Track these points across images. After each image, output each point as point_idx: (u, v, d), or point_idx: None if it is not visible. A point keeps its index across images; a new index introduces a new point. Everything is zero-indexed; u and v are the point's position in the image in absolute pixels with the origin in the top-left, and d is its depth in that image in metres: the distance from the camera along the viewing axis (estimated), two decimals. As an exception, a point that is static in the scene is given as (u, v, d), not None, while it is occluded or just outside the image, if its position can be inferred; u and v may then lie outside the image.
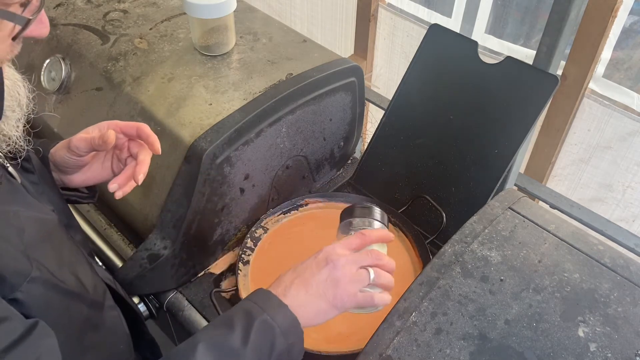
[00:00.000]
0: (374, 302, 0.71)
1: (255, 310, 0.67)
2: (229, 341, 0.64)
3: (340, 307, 0.70)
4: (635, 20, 1.37)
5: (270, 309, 0.67)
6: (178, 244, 0.96)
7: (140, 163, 0.79)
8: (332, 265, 0.70)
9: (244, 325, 0.65)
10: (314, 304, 0.69)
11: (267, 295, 0.69)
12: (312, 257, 0.73)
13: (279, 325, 0.66)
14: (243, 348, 0.64)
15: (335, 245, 0.73)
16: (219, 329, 0.66)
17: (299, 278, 0.70)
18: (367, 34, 1.90)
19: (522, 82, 0.99)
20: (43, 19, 0.63)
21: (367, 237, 0.74)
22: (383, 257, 0.73)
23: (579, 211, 1.15)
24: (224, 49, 1.10)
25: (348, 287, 0.69)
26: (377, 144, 1.18)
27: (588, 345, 0.67)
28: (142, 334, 0.87)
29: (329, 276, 0.69)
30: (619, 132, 1.41)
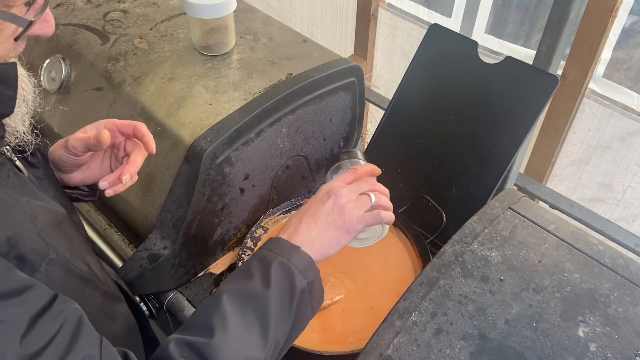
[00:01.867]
0: (381, 218, 0.75)
1: (270, 256, 0.69)
2: (251, 287, 0.67)
3: (352, 230, 0.74)
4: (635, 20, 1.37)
5: (284, 253, 0.70)
6: (178, 244, 0.96)
7: (129, 163, 0.79)
8: (334, 196, 0.74)
9: (262, 271, 0.68)
10: (327, 234, 0.73)
11: (278, 241, 0.72)
12: (313, 196, 0.77)
13: (296, 265, 0.69)
14: (266, 291, 0.66)
15: (331, 182, 0.78)
16: (239, 280, 0.69)
17: (306, 215, 0.74)
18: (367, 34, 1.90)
19: (522, 82, 0.99)
20: (48, 17, 0.63)
21: (358, 171, 0.80)
22: (377, 183, 0.79)
23: (579, 211, 1.15)
24: (224, 49, 1.10)
25: (354, 211, 0.74)
26: (377, 144, 1.18)
27: (588, 345, 0.67)
28: (145, 331, 0.87)
29: (335, 205, 0.74)
30: (619, 132, 1.41)
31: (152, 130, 0.99)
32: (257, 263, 0.69)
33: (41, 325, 0.52)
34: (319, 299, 0.73)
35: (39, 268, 0.59)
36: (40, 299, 0.54)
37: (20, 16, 0.59)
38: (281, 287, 0.67)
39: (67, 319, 0.55)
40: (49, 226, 0.65)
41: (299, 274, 0.68)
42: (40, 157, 0.79)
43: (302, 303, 0.69)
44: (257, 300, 0.66)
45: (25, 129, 0.69)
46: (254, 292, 0.66)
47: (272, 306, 0.66)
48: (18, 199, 0.63)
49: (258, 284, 0.67)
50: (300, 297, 0.69)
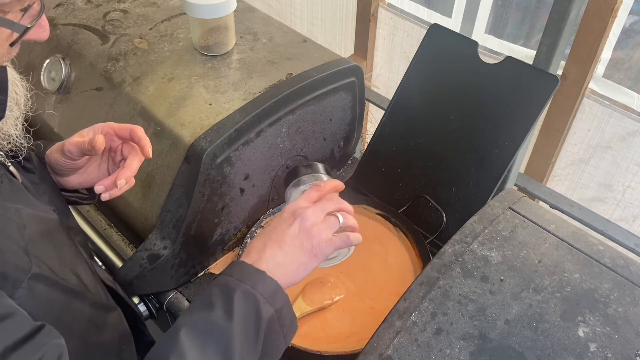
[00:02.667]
0: (350, 241, 0.71)
1: (232, 283, 0.65)
2: (212, 319, 0.62)
3: (320, 255, 0.70)
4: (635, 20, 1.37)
5: (247, 279, 0.65)
6: (178, 244, 0.96)
7: (125, 167, 0.78)
8: (300, 219, 0.70)
9: (224, 300, 0.63)
10: (293, 259, 0.68)
11: (240, 266, 0.67)
12: (277, 216, 0.72)
13: (261, 292, 0.64)
14: (228, 323, 0.62)
15: (296, 202, 0.73)
16: (199, 311, 0.64)
17: (271, 239, 0.69)
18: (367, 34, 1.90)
19: (522, 82, 0.99)
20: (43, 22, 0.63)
21: (323, 188, 0.75)
22: (343, 201, 0.74)
23: (579, 211, 1.15)
24: (224, 49, 1.10)
25: (322, 234, 0.70)
26: (377, 144, 1.18)
27: (588, 345, 0.67)
28: (142, 335, 0.86)
29: (301, 229, 0.69)
30: (619, 132, 1.41)
31: (152, 130, 1.00)
32: (218, 291, 0.64)
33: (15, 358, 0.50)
34: (291, 325, 0.68)
35: (21, 284, 0.57)
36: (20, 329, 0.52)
37: (16, 22, 0.58)
38: (245, 317, 0.62)
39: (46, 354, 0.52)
40: (38, 236, 0.63)
41: (265, 301, 0.64)
42: (36, 161, 0.79)
43: (271, 331, 0.65)
44: (219, 333, 0.61)
45: (17, 132, 0.68)
46: (215, 324, 0.61)
47: (235, 338, 0.61)
48: (7, 208, 0.61)
49: (220, 314, 0.62)
50: (268, 326, 0.64)
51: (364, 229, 1.10)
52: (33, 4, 0.60)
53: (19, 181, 0.70)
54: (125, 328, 0.78)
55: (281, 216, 0.72)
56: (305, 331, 0.93)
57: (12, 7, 0.57)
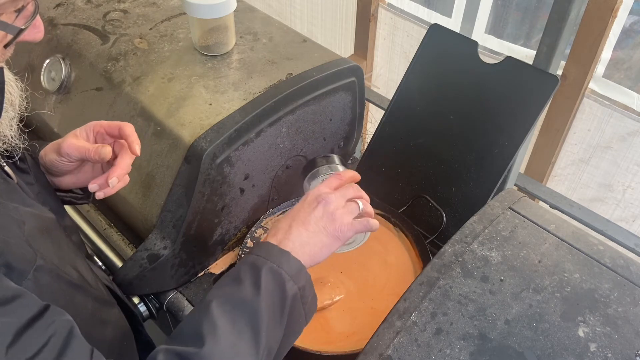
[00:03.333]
0: (370, 226, 0.76)
1: (259, 261, 0.68)
2: (240, 294, 0.65)
3: (342, 237, 0.74)
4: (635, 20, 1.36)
5: (273, 258, 0.69)
6: (178, 244, 0.96)
7: (116, 165, 0.78)
8: (324, 202, 0.74)
9: (252, 276, 0.67)
10: (317, 240, 0.72)
11: (267, 246, 0.71)
12: (301, 201, 0.77)
13: (286, 270, 0.68)
14: (256, 297, 0.65)
15: (318, 187, 0.77)
16: (229, 286, 0.67)
17: (296, 220, 0.74)
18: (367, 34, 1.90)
19: (522, 82, 0.99)
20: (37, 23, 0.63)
21: (342, 176, 0.80)
22: (360, 189, 0.79)
23: (579, 211, 1.15)
24: (224, 49, 1.10)
25: (344, 218, 0.74)
26: (377, 144, 1.18)
27: (588, 345, 0.67)
28: (139, 335, 0.86)
29: (324, 211, 0.74)
30: (619, 132, 1.41)
31: (152, 130, 1.00)
32: (246, 268, 0.68)
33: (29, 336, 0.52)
34: (312, 304, 0.72)
35: (27, 275, 0.58)
36: (30, 309, 0.53)
37: (10, 24, 0.58)
38: (272, 293, 0.66)
39: (57, 330, 0.54)
40: (37, 232, 0.64)
41: (290, 279, 0.67)
42: (30, 162, 0.79)
43: (294, 309, 0.68)
44: (248, 307, 0.64)
45: (13, 133, 0.68)
46: (244, 299, 0.65)
47: (262, 312, 0.64)
48: (6, 205, 0.62)
49: (248, 289, 0.65)
50: (292, 303, 0.68)
51: (364, 229, 1.10)
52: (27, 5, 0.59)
53: (14, 181, 0.70)
54: (125, 325, 0.79)
55: (305, 200, 0.76)
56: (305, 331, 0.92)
57: (6, 9, 0.57)
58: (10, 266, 0.57)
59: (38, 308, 0.54)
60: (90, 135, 0.81)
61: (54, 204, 0.80)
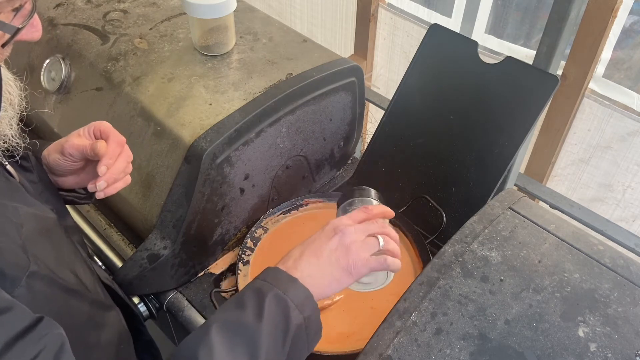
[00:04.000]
0: (387, 265, 0.71)
1: (265, 287, 0.66)
2: (242, 319, 0.63)
3: (355, 274, 0.70)
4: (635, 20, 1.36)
5: (280, 284, 0.66)
6: (178, 244, 0.96)
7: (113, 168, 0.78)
8: (341, 234, 0.70)
9: (256, 302, 0.64)
10: (327, 273, 0.69)
11: (275, 272, 0.68)
12: (319, 230, 0.73)
13: (292, 298, 0.65)
14: (258, 324, 0.63)
15: (341, 218, 0.73)
16: (231, 310, 0.65)
17: (309, 249, 0.70)
18: (367, 34, 1.90)
19: (522, 82, 0.99)
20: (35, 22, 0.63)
21: (370, 211, 0.75)
22: (388, 226, 0.74)
23: (579, 211, 1.15)
24: (224, 49, 1.10)
25: (360, 253, 0.69)
26: (377, 144, 1.18)
27: (588, 345, 0.67)
28: (141, 334, 0.86)
29: (340, 244, 0.69)
30: (619, 132, 1.41)
31: (152, 131, 1.00)
32: (251, 293, 0.66)
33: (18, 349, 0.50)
34: (316, 335, 0.69)
35: (19, 282, 0.57)
36: (20, 321, 0.52)
37: (7, 23, 0.58)
38: (275, 321, 0.64)
39: (47, 345, 0.53)
40: (36, 234, 0.63)
41: (295, 308, 0.65)
42: (33, 161, 0.79)
43: (297, 339, 0.65)
44: (248, 333, 0.62)
45: (13, 132, 0.68)
46: (245, 324, 0.63)
47: (263, 339, 0.62)
48: (5, 206, 0.61)
49: (250, 315, 0.63)
50: (296, 332, 0.65)
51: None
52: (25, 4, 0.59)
53: (16, 180, 0.70)
54: (123, 327, 0.78)
55: (323, 229, 0.72)
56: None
57: (3, 8, 0.57)
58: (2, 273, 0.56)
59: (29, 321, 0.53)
60: (92, 134, 0.81)
61: (56, 204, 0.80)
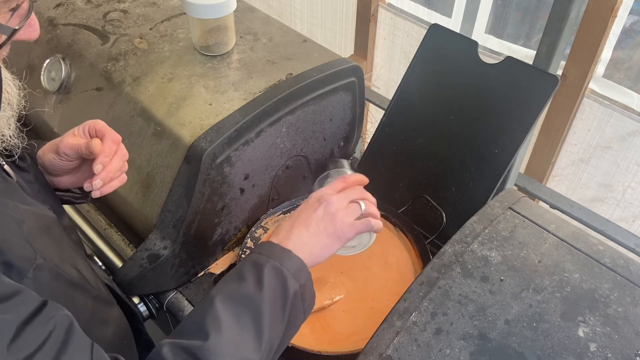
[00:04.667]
0: (371, 226, 0.77)
1: (261, 259, 0.70)
2: (244, 290, 0.67)
3: (343, 238, 0.75)
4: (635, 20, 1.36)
5: (276, 256, 0.70)
6: (178, 244, 0.96)
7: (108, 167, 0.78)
8: (325, 203, 0.75)
9: (255, 274, 0.68)
10: (318, 240, 0.73)
11: (269, 245, 0.72)
12: (304, 203, 0.78)
13: (288, 268, 0.69)
14: (259, 293, 0.66)
15: (321, 189, 0.78)
16: (232, 282, 0.69)
17: (298, 221, 0.75)
18: (367, 34, 1.90)
19: (522, 82, 0.99)
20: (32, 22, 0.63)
21: (347, 179, 0.80)
22: (365, 191, 0.80)
23: (579, 211, 1.15)
24: (224, 49, 1.10)
25: (345, 219, 0.75)
26: (377, 144, 1.18)
27: (588, 345, 0.67)
28: (140, 334, 0.86)
29: (326, 212, 0.75)
30: (619, 132, 1.41)
31: (152, 130, 1.00)
32: (249, 266, 0.70)
33: (29, 332, 0.52)
34: (311, 302, 0.73)
35: (26, 274, 0.58)
36: (29, 305, 0.53)
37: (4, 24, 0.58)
38: (274, 290, 0.68)
39: (57, 325, 0.54)
40: (37, 231, 0.64)
41: (291, 276, 0.69)
42: (29, 161, 0.78)
43: (294, 306, 0.70)
44: (251, 303, 0.66)
45: (11, 132, 0.68)
46: (247, 295, 0.66)
47: (265, 308, 0.66)
48: (5, 204, 0.62)
49: (251, 286, 0.67)
50: (293, 300, 0.69)
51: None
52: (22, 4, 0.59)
53: (13, 180, 0.70)
54: (125, 324, 0.79)
55: (307, 202, 0.77)
56: (305, 331, 0.93)
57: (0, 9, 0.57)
58: (9, 264, 0.57)
59: (37, 304, 0.54)
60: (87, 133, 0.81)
61: (53, 203, 0.80)
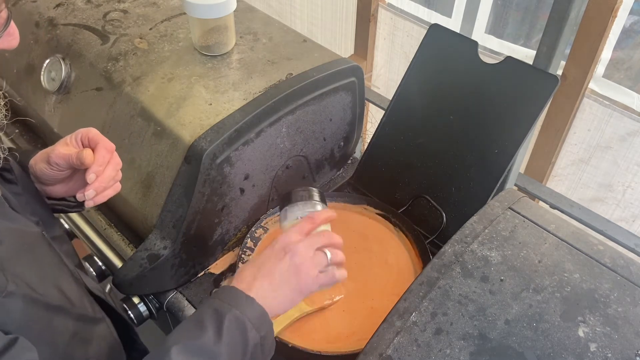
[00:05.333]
0: (335, 279, 0.75)
1: (224, 307, 0.67)
2: (202, 340, 0.64)
3: (305, 292, 0.73)
4: (635, 20, 1.36)
5: (238, 305, 0.68)
6: (178, 244, 0.96)
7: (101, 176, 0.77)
8: (291, 254, 0.73)
9: (215, 323, 0.66)
10: (280, 294, 0.71)
11: (233, 291, 0.70)
12: (269, 248, 0.75)
13: (250, 319, 0.67)
14: (217, 346, 0.64)
15: (288, 234, 0.76)
16: (190, 331, 0.66)
17: (261, 271, 0.72)
18: (367, 34, 1.90)
19: (522, 82, 0.99)
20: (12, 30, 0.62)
21: (316, 220, 0.78)
22: (333, 236, 0.77)
23: (579, 211, 1.15)
24: (224, 49, 1.10)
25: (310, 271, 0.73)
26: (377, 144, 1.18)
27: (588, 345, 0.67)
28: (134, 344, 0.85)
29: (290, 264, 0.72)
30: (619, 132, 1.41)
31: (152, 131, 1.00)
32: (210, 314, 0.67)
33: None
34: (270, 351, 0.71)
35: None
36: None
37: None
38: (234, 342, 0.66)
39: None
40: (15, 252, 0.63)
41: (252, 327, 0.67)
42: (18, 171, 0.77)
43: (254, 357, 0.68)
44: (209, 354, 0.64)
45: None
46: (205, 345, 0.64)
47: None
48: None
49: (210, 336, 0.65)
50: (253, 351, 0.67)
51: (364, 228, 1.10)
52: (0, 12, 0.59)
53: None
54: (114, 339, 0.77)
55: (273, 248, 0.75)
56: (305, 331, 0.93)
57: None
58: None
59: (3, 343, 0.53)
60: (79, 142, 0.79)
61: (43, 214, 0.79)
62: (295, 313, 0.92)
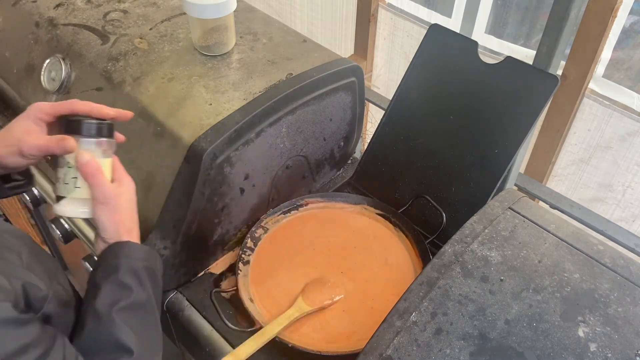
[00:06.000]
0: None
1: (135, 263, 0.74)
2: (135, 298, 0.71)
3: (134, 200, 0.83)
4: (635, 20, 1.36)
5: (130, 254, 0.75)
6: (178, 244, 0.96)
7: None
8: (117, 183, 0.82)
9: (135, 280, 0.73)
10: (134, 216, 0.83)
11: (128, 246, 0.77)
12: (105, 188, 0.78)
13: (153, 264, 0.78)
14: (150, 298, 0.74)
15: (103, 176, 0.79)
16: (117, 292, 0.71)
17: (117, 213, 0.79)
18: (367, 34, 1.90)
19: (522, 82, 0.99)
20: None
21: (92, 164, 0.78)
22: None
23: (579, 211, 1.15)
24: (224, 49, 1.10)
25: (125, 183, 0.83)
26: (377, 144, 1.18)
27: (588, 345, 0.67)
28: None
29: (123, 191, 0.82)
30: (619, 132, 1.41)
31: (152, 131, 1.00)
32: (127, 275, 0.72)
33: None
34: (160, 270, 0.80)
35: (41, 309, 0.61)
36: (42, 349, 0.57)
37: None
38: (152, 285, 0.75)
39: None
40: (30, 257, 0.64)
41: (159, 270, 0.78)
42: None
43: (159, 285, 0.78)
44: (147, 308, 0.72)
45: None
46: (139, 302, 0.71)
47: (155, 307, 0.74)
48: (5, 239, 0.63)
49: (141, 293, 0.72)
50: (159, 275, 0.78)
51: (364, 228, 1.10)
52: None
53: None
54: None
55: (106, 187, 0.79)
56: (305, 331, 0.93)
57: None
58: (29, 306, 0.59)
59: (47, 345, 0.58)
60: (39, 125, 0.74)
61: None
62: (295, 313, 0.92)
